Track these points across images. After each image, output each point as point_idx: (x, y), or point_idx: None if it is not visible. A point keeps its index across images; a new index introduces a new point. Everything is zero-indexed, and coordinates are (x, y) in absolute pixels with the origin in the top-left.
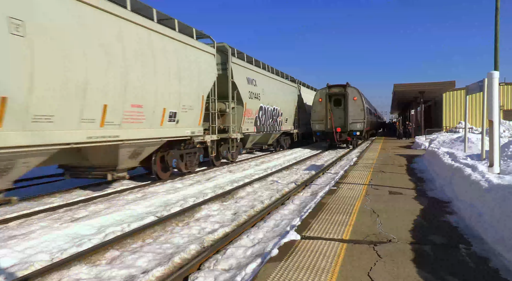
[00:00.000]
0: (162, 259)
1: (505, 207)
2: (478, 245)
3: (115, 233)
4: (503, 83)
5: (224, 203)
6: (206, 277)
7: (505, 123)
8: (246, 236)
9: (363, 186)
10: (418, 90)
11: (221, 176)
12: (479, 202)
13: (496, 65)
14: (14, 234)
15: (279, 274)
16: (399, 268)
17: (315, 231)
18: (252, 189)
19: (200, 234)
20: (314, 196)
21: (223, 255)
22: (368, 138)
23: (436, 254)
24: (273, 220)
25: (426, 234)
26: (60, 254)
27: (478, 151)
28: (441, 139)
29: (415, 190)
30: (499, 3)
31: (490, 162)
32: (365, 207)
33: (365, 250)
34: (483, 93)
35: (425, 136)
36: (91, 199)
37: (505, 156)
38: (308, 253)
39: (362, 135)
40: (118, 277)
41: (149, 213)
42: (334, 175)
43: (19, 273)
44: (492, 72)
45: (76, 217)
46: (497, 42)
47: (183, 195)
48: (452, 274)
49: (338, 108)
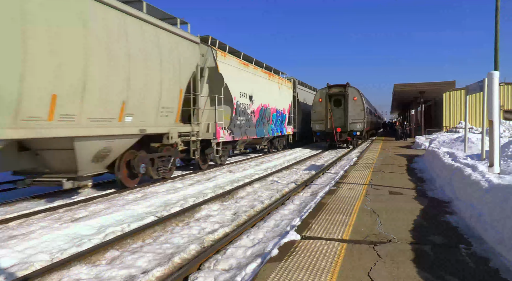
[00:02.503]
0: (162, 259)
1: (505, 207)
2: (478, 245)
3: (115, 233)
4: (503, 83)
5: (224, 203)
6: (206, 277)
7: (505, 123)
8: (246, 236)
9: (363, 186)
10: (418, 90)
11: (221, 176)
12: (479, 202)
13: (496, 65)
14: (14, 234)
15: (279, 274)
16: (399, 268)
17: (315, 231)
18: (252, 189)
19: (200, 234)
20: (314, 196)
21: (223, 255)
22: (368, 138)
23: (436, 254)
24: (273, 220)
25: (426, 234)
26: (60, 254)
27: (478, 151)
28: (441, 139)
29: (415, 190)
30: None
31: (490, 162)
32: (365, 207)
33: (365, 250)
34: (483, 93)
35: (425, 136)
36: (91, 199)
37: (505, 156)
38: (308, 253)
39: (362, 136)
40: (118, 277)
41: (149, 213)
42: (334, 175)
43: (19, 273)
44: (492, 72)
45: (76, 217)
46: (497, 42)
47: (183, 195)
48: (452, 274)
49: (338, 108)
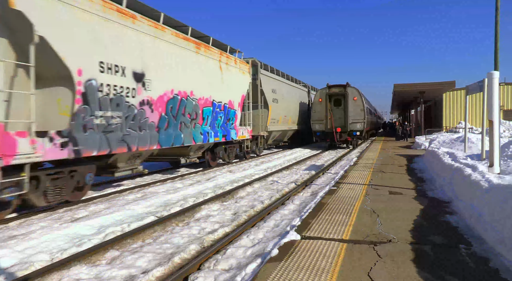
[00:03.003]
0: (162, 259)
1: (505, 207)
2: (478, 245)
3: (115, 233)
4: (503, 83)
5: (224, 203)
6: (206, 277)
7: (505, 123)
8: (246, 236)
9: (363, 186)
10: (418, 90)
11: (221, 176)
12: (479, 202)
13: (496, 65)
14: (14, 234)
15: (279, 274)
16: (399, 268)
17: (315, 231)
18: (252, 189)
19: (200, 234)
20: (314, 196)
21: (223, 255)
22: (368, 138)
23: (436, 254)
24: (273, 220)
25: (426, 234)
26: (60, 254)
27: (478, 151)
28: (441, 140)
29: (415, 190)
30: (499, 3)
31: (490, 162)
32: (365, 207)
33: (365, 250)
34: (483, 93)
35: (425, 136)
36: (91, 199)
37: (505, 156)
38: (308, 253)
39: (362, 136)
40: (118, 277)
41: (149, 213)
42: (334, 175)
43: (19, 273)
44: (492, 72)
45: (76, 217)
46: (497, 42)
47: (183, 195)
48: (452, 274)
49: (338, 108)
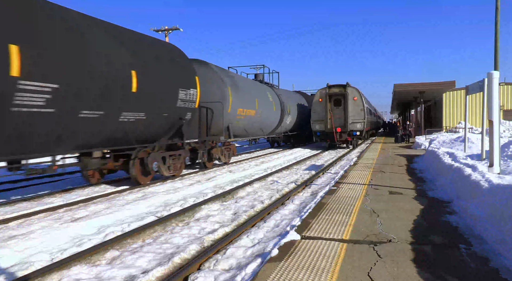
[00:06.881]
0: (162, 259)
1: (505, 207)
2: (478, 245)
3: (115, 233)
4: (503, 83)
5: (224, 203)
6: (206, 277)
7: (505, 123)
8: (246, 236)
9: (363, 186)
10: (418, 90)
11: (221, 176)
12: (479, 202)
13: (496, 65)
14: (14, 234)
15: (279, 274)
16: (399, 268)
17: (315, 231)
18: (252, 189)
19: (200, 234)
20: (314, 196)
21: (223, 255)
22: (368, 138)
23: (436, 254)
24: (273, 220)
25: (426, 234)
26: (60, 254)
27: (478, 151)
28: (441, 140)
29: (415, 190)
30: (499, 3)
31: (490, 162)
32: (365, 207)
33: (365, 250)
34: (483, 93)
35: (425, 136)
36: (91, 199)
37: (505, 156)
38: (308, 253)
39: (362, 136)
40: (118, 277)
41: (149, 213)
42: (334, 175)
43: (19, 273)
44: (492, 72)
45: (76, 217)
46: (497, 42)
47: (183, 195)
48: (452, 274)
49: (338, 108)
